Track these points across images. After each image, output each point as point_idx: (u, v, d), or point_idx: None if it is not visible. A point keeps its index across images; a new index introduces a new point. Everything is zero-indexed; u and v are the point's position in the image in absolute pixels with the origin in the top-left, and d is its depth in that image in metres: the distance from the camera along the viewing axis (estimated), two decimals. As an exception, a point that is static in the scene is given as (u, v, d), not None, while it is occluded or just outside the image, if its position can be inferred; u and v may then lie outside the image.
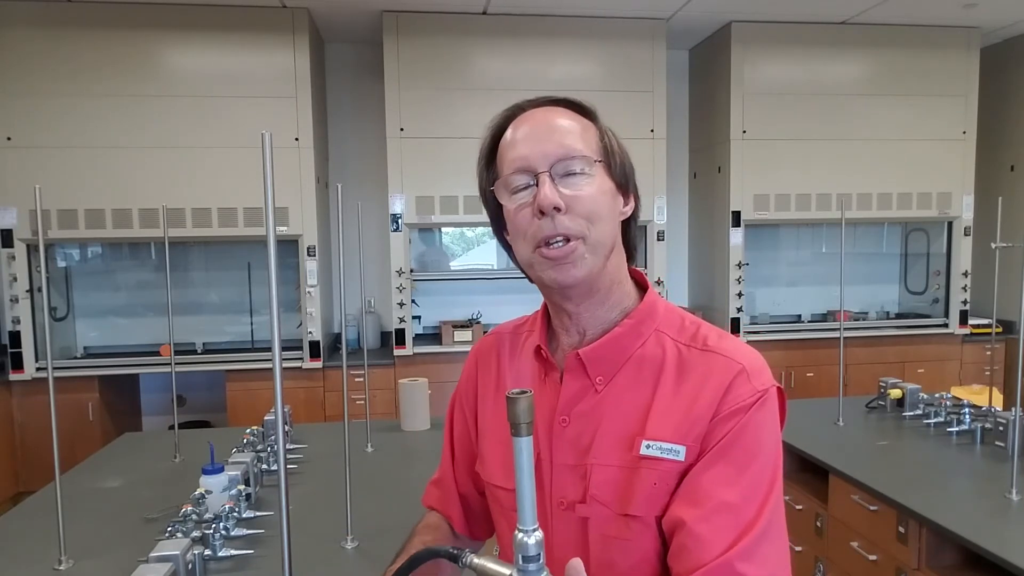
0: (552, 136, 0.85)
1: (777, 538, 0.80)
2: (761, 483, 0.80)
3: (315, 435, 2.72)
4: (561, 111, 0.88)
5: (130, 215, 4.14)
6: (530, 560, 0.56)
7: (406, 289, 4.45)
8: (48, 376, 1.69)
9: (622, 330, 0.89)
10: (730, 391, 0.82)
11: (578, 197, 0.83)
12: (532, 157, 0.84)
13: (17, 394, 4.16)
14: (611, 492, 0.84)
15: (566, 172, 0.84)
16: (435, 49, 4.39)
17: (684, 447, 0.82)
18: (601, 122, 0.91)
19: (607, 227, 0.86)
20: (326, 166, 4.86)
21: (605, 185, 0.86)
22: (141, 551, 1.55)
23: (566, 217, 0.83)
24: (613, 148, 0.89)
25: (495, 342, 1.04)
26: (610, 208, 0.87)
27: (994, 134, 5.14)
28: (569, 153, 0.84)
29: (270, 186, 0.72)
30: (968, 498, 2.06)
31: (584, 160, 0.84)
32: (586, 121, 0.89)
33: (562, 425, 0.88)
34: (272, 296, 0.74)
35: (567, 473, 0.87)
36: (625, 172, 0.90)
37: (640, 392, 0.86)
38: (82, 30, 4.06)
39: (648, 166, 4.53)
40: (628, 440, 0.84)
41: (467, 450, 1.05)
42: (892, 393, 2.87)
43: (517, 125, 0.88)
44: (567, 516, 0.87)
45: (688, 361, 0.86)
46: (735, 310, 4.76)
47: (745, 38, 4.66)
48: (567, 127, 0.86)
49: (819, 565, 2.49)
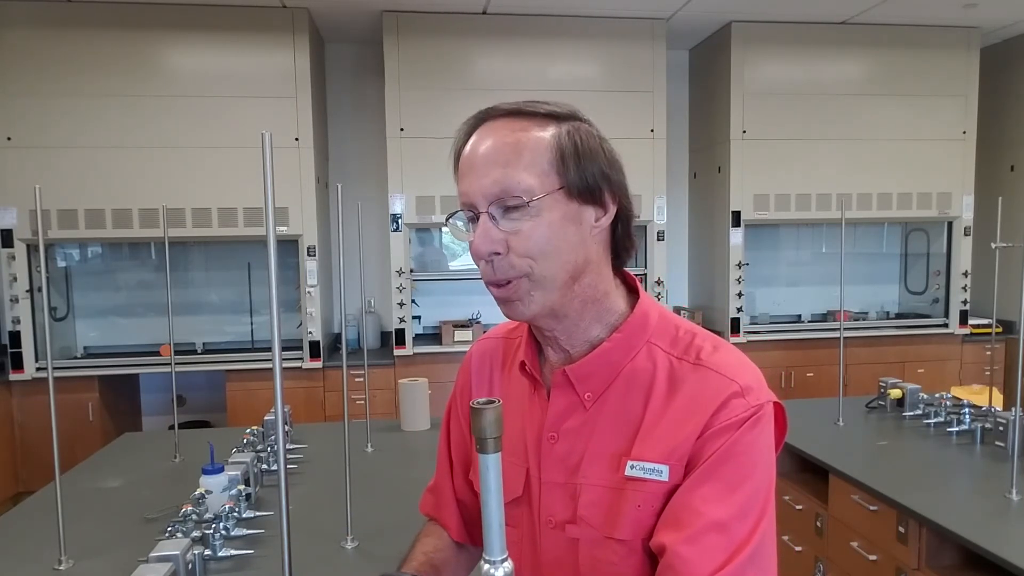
0: (492, 168, 0.79)
1: (767, 563, 0.77)
2: (753, 503, 0.77)
3: (315, 435, 2.72)
4: (519, 124, 0.82)
5: (130, 215, 4.14)
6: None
7: (406, 289, 4.45)
8: (48, 376, 1.69)
9: (611, 345, 0.85)
10: (722, 409, 0.79)
11: (519, 234, 0.79)
12: (472, 194, 0.81)
13: (17, 394, 4.16)
14: (599, 514, 0.82)
15: (506, 208, 0.79)
16: (435, 49, 4.39)
17: (667, 467, 0.79)
18: (573, 121, 0.84)
19: (556, 260, 0.80)
20: (326, 166, 4.86)
21: (555, 214, 0.80)
22: (141, 551, 1.55)
23: (506, 260, 0.80)
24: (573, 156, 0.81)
25: (488, 349, 1.02)
26: (562, 239, 0.80)
27: (994, 134, 5.14)
28: (506, 190, 0.79)
29: (270, 186, 0.72)
30: (968, 498, 2.06)
31: (524, 195, 0.78)
32: (547, 131, 0.81)
33: (551, 442, 0.86)
34: (272, 296, 0.74)
35: (556, 491, 0.85)
36: (590, 180, 0.81)
37: (630, 408, 0.83)
38: (82, 30, 4.06)
39: (648, 166, 4.53)
40: (615, 459, 0.82)
41: (463, 458, 1.04)
42: (892, 393, 2.87)
43: (476, 138, 0.83)
44: (557, 535, 0.85)
45: (680, 376, 0.83)
46: (735, 310, 4.76)
47: (745, 38, 4.66)
48: (513, 152, 0.79)
49: (819, 565, 2.49)
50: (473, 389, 1.01)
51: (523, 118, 0.82)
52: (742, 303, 4.77)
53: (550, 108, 0.83)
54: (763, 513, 0.78)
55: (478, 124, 0.85)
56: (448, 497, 1.05)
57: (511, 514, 0.88)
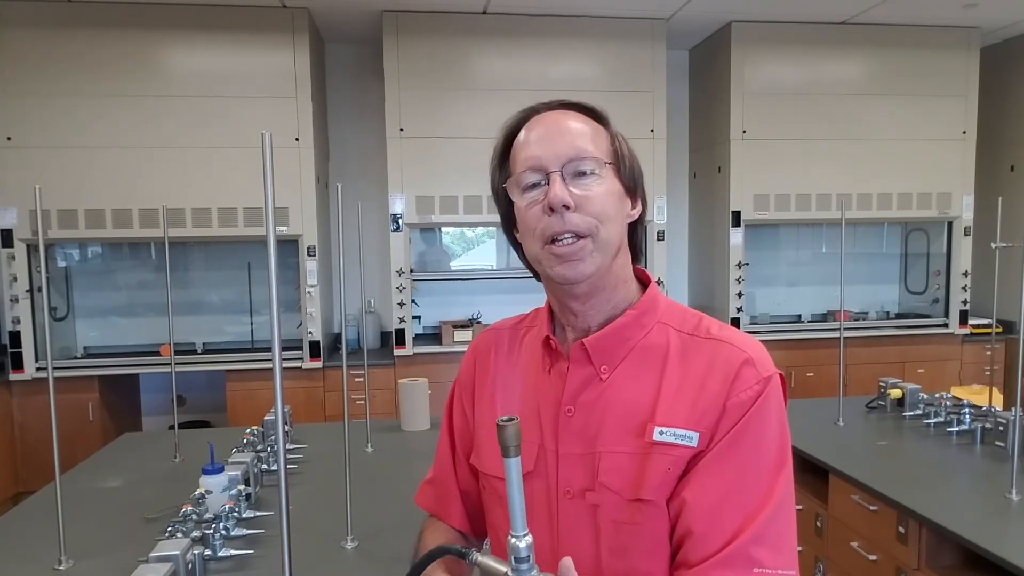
0: (564, 137, 0.87)
1: (787, 520, 0.83)
2: (770, 467, 0.83)
3: (315, 435, 2.72)
4: (573, 114, 0.91)
5: (130, 215, 4.14)
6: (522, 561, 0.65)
7: (406, 289, 4.45)
8: (48, 376, 1.70)
9: (626, 320, 0.91)
10: (737, 379, 0.84)
11: (588, 196, 0.86)
12: (544, 157, 0.87)
13: (17, 394, 4.16)
14: (621, 478, 0.86)
15: (577, 172, 0.86)
16: (435, 49, 4.39)
17: (697, 433, 0.84)
18: (613, 127, 0.93)
19: (615, 227, 0.88)
20: (326, 166, 4.86)
21: (614, 187, 0.89)
22: (141, 551, 1.55)
23: (575, 215, 0.85)
24: (623, 152, 0.91)
25: (494, 338, 1.05)
26: (618, 209, 0.89)
27: (994, 134, 5.14)
28: (580, 154, 0.86)
29: (270, 186, 0.73)
30: (968, 498, 2.06)
31: (595, 161, 0.87)
32: (597, 125, 0.91)
33: (568, 415, 0.90)
34: (272, 296, 0.74)
35: (574, 462, 0.89)
36: (634, 176, 0.92)
37: (645, 380, 0.88)
38: (82, 30, 4.06)
39: (648, 166, 4.51)
40: (638, 427, 0.86)
41: (466, 443, 1.06)
42: (892, 393, 2.87)
43: (531, 127, 0.90)
44: (575, 504, 0.89)
45: (692, 349, 0.89)
46: (735, 310, 4.76)
47: (745, 38, 4.66)
48: (579, 129, 0.88)
49: (819, 565, 2.49)
50: (477, 377, 1.04)
51: (573, 110, 0.92)
52: (742, 303, 4.78)
53: (592, 106, 0.93)
54: (779, 474, 0.83)
55: (530, 115, 0.92)
56: (451, 488, 1.07)
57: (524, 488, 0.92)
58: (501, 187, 0.93)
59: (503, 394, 0.99)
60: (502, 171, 0.94)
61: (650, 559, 0.85)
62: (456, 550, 0.74)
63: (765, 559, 0.79)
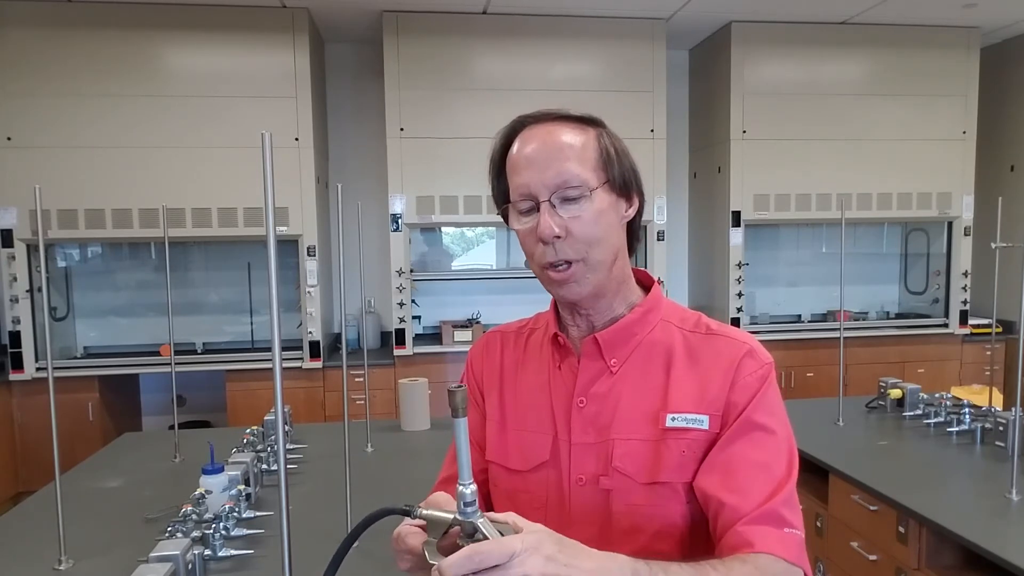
0: (551, 163, 0.90)
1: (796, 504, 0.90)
2: (783, 444, 0.90)
3: (315, 435, 2.72)
4: (562, 127, 0.92)
5: (130, 215, 4.14)
6: (469, 504, 0.71)
7: (406, 289, 4.45)
8: (48, 376, 1.70)
9: (633, 316, 0.96)
10: (741, 367, 0.91)
11: (578, 220, 0.89)
12: (533, 185, 0.90)
13: (17, 394, 4.16)
14: (635, 463, 0.90)
15: (565, 198, 0.89)
16: (435, 49, 4.39)
17: (707, 416, 0.90)
18: (603, 127, 0.95)
19: (606, 246, 0.92)
20: (326, 166, 4.86)
21: (604, 202, 0.91)
22: (141, 551, 1.55)
23: (565, 244, 0.90)
24: (612, 155, 0.93)
25: (499, 339, 1.09)
26: (610, 224, 0.92)
27: (994, 134, 5.14)
28: (568, 181, 0.89)
29: (270, 186, 0.73)
30: (968, 498, 2.06)
31: (582, 186, 0.89)
32: (587, 133, 0.93)
33: (580, 406, 0.95)
34: (272, 296, 0.74)
35: (587, 451, 0.93)
36: (626, 176, 0.94)
37: (654, 373, 0.94)
38: (82, 30, 4.06)
39: (648, 166, 4.53)
40: (651, 416, 0.92)
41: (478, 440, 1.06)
42: (892, 393, 2.87)
43: (523, 141, 0.92)
44: (588, 490, 0.93)
45: (695, 345, 0.95)
46: (735, 310, 4.76)
47: (745, 38, 4.66)
48: (567, 150, 0.90)
49: (819, 565, 2.49)
50: (486, 374, 1.06)
51: (561, 122, 0.93)
52: (742, 303, 4.78)
53: (580, 114, 0.94)
54: (791, 450, 0.90)
55: (518, 129, 0.94)
56: None
57: (538, 476, 0.97)
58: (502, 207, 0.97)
59: (511, 391, 1.02)
60: (500, 183, 0.97)
61: (663, 539, 0.90)
62: (399, 509, 0.77)
63: (794, 521, 0.86)
